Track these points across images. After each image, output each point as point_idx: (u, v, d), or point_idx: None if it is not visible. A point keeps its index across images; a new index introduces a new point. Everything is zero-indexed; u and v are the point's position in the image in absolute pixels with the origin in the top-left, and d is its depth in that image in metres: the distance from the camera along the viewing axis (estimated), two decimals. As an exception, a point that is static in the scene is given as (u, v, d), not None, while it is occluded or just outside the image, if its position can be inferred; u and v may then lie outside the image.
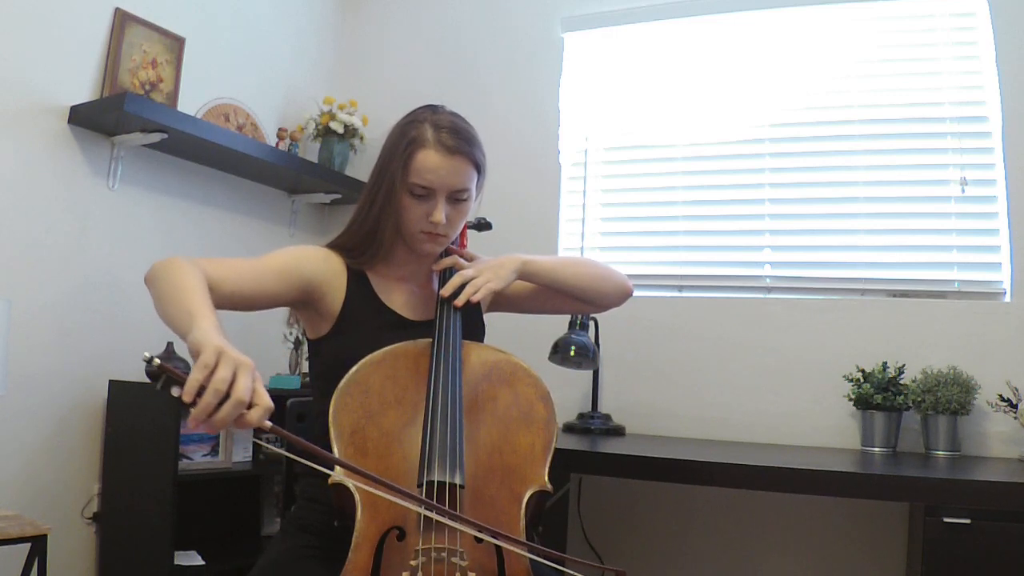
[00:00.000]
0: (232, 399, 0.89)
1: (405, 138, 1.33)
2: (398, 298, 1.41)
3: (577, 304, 1.58)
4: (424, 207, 1.33)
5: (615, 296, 1.58)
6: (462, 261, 1.45)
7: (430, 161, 1.31)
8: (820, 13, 2.53)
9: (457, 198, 1.35)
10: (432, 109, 1.38)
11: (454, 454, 1.13)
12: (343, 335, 1.36)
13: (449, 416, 1.17)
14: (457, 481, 1.11)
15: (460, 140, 1.33)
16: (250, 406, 0.91)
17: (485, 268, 1.42)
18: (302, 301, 1.37)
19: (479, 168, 1.37)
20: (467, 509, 1.11)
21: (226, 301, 1.23)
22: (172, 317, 1.07)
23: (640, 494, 2.51)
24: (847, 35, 2.49)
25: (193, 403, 0.89)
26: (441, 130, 1.32)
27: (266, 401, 0.92)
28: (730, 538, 2.42)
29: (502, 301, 1.57)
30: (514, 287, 1.52)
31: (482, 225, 1.62)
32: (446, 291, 1.36)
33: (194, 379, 0.89)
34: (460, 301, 1.35)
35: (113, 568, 2.21)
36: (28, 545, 1.75)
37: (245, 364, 0.92)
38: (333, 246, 1.42)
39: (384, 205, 1.35)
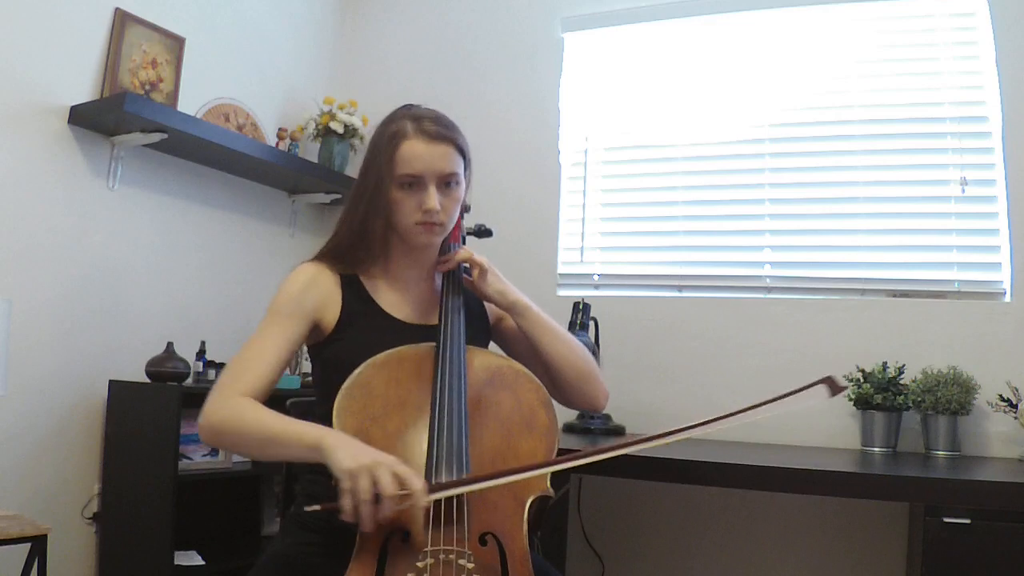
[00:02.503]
0: (384, 500, 1.00)
1: (386, 135, 1.34)
2: (393, 302, 1.41)
3: (548, 377, 1.44)
4: (416, 198, 1.32)
5: (583, 395, 1.46)
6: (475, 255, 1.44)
7: (415, 149, 1.31)
8: (820, 13, 2.53)
9: (447, 184, 1.34)
10: (408, 107, 1.39)
11: (460, 458, 1.14)
12: (340, 341, 1.35)
13: (455, 420, 1.17)
14: (463, 484, 1.11)
15: (441, 127, 1.34)
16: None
17: (490, 264, 1.42)
18: (311, 331, 1.37)
19: (464, 154, 1.37)
20: (471, 513, 1.11)
21: (272, 390, 1.30)
22: (283, 450, 1.17)
23: (640, 494, 2.51)
24: (847, 35, 2.49)
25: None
26: (421, 120, 1.34)
27: (416, 483, 1.02)
28: (730, 538, 2.42)
29: (501, 334, 1.54)
30: (512, 327, 1.49)
31: (482, 232, 1.60)
32: (444, 262, 1.41)
33: (346, 505, 1.01)
34: (445, 264, 1.40)
35: (113, 568, 2.21)
36: (28, 545, 1.75)
37: (379, 463, 1.02)
38: (321, 256, 1.41)
39: (372, 204, 1.35)
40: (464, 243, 1.51)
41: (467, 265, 1.42)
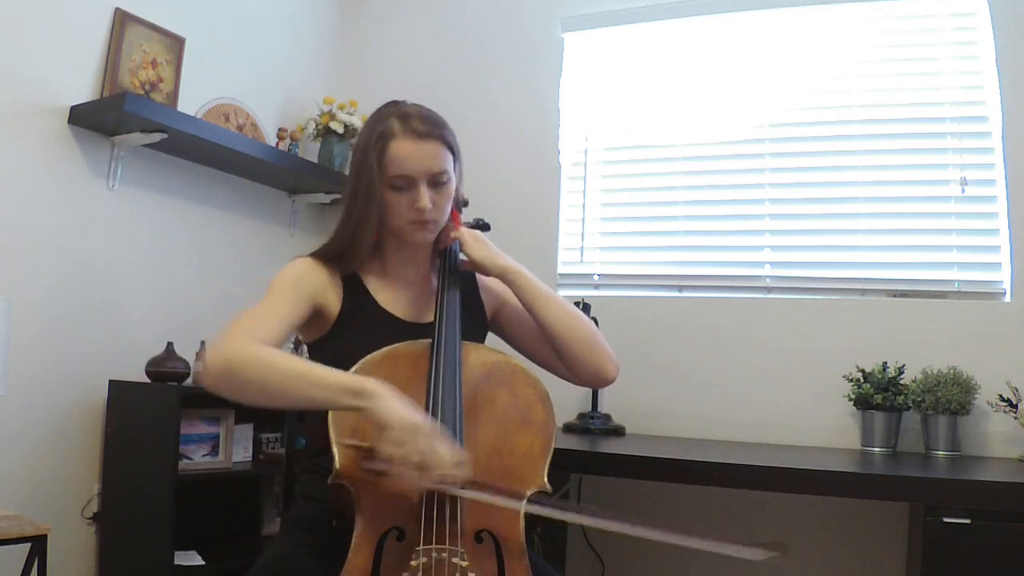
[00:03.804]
0: (431, 470, 1.02)
1: (374, 134, 1.33)
2: (390, 299, 1.41)
3: (551, 349, 1.47)
4: (407, 197, 1.32)
5: (589, 365, 1.45)
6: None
7: (404, 150, 1.31)
8: (820, 13, 2.53)
9: (438, 181, 1.34)
10: (395, 103, 1.39)
11: (453, 453, 1.13)
12: (338, 338, 1.36)
13: (449, 416, 1.17)
14: (457, 482, 1.11)
15: (430, 124, 1.33)
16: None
17: (477, 234, 1.47)
18: (311, 316, 1.36)
19: (453, 150, 1.37)
20: (466, 511, 1.11)
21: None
22: (313, 390, 1.12)
23: (640, 494, 2.51)
24: (847, 35, 2.49)
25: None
26: (409, 119, 1.32)
27: (460, 457, 1.05)
28: (730, 538, 2.41)
29: (504, 320, 1.54)
30: (510, 315, 1.51)
31: (480, 226, 1.61)
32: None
33: (387, 453, 1.02)
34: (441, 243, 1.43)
35: (113, 568, 2.21)
36: (28, 545, 1.75)
37: (436, 428, 1.04)
38: (316, 254, 1.40)
39: (366, 205, 1.34)
40: None
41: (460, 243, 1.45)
